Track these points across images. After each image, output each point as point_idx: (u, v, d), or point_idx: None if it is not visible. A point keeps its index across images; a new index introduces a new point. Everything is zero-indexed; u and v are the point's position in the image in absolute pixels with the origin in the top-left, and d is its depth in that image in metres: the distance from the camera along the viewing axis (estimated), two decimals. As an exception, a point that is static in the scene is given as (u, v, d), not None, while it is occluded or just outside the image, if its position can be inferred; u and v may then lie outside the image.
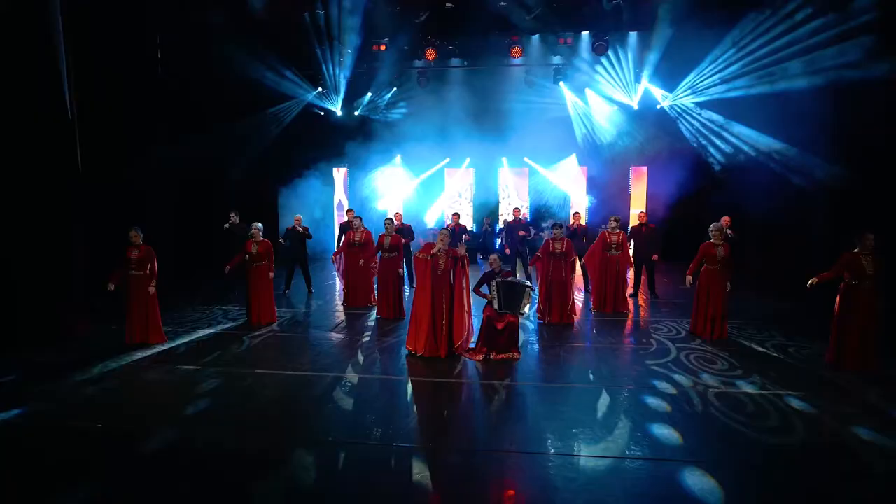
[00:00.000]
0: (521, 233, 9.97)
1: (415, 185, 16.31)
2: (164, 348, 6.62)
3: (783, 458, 4.03)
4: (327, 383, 5.47)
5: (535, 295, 7.84)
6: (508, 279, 6.37)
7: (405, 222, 11.19)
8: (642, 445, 4.18)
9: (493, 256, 6.54)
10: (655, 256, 9.53)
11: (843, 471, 3.88)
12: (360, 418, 4.67)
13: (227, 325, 7.79)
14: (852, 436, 4.35)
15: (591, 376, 5.69)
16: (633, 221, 14.70)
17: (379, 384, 5.47)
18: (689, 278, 7.25)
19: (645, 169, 15.08)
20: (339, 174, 16.34)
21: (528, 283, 6.45)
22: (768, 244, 9.57)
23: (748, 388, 5.30)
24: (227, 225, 9.64)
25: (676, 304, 9.31)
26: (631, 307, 8.74)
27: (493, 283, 6.32)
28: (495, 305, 6.33)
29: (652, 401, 4.96)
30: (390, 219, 8.46)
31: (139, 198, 9.44)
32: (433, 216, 16.35)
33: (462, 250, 6.31)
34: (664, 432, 4.34)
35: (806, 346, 6.71)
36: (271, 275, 7.91)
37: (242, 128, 11.76)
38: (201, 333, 7.31)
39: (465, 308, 6.36)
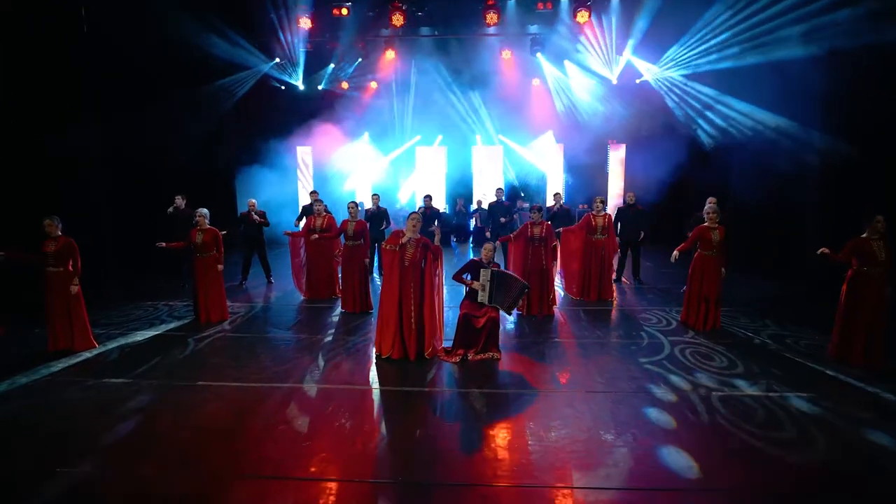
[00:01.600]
0: (503, 219, 9.24)
1: (385, 165, 15.39)
2: (91, 356, 5.73)
3: (809, 480, 3.50)
4: (280, 397, 4.72)
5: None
6: (506, 271, 5.70)
7: (381, 205, 10.35)
8: (654, 478, 3.58)
9: (489, 246, 5.80)
10: (642, 234, 9.02)
11: (876, 493, 3.38)
12: (317, 443, 3.95)
13: (172, 325, 6.90)
14: (875, 446, 3.86)
15: (581, 381, 5.08)
16: (611, 200, 14.31)
17: (340, 396, 4.74)
18: (676, 254, 6.70)
19: (623, 146, 14.54)
20: (303, 153, 15.26)
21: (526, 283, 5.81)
22: (756, 226, 9.11)
23: (753, 391, 4.78)
24: (170, 210, 8.63)
25: (661, 289, 8.84)
26: (615, 294, 8.18)
27: (488, 271, 5.61)
28: (481, 297, 5.64)
29: (654, 413, 4.38)
30: (354, 202, 7.62)
31: (67, 181, 8.31)
32: (405, 197, 15.49)
33: (436, 239, 5.57)
34: (676, 459, 3.75)
35: (803, 335, 6.28)
36: (220, 267, 7.03)
37: (189, 101, 10.58)
38: (140, 336, 6.42)
39: (437, 305, 5.67)
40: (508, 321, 7.05)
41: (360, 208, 12.47)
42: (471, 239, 14.46)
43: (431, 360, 5.56)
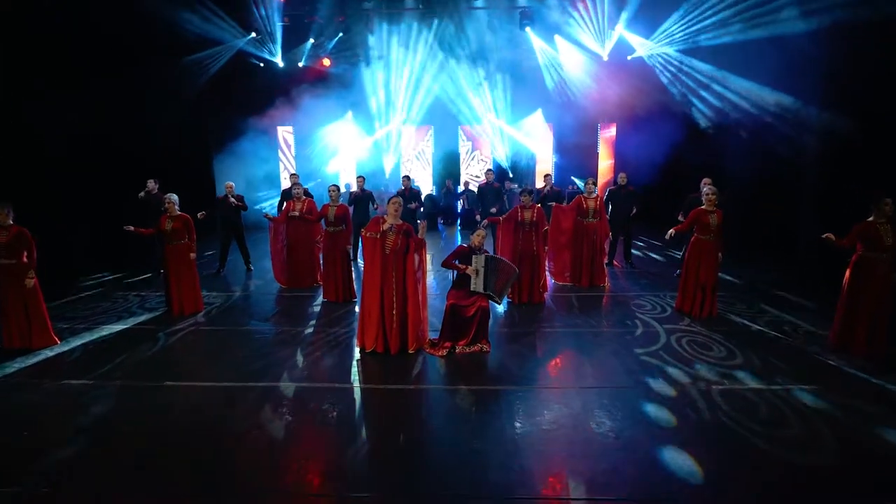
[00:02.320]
0: (493, 210, 8.87)
1: (368, 145, 14.89)
2: (52, 354, 5.33)
3: (819, 485, 3.27)
4: (254, 398, 4.39)
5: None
6: (500, 257, 5.38)
7: (366, 188, 9.93)
8: (656, 488, 3.33)
9: (480, 231, 5.46)
10: (634, 210, 8.75)
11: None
12: (291, 451, 3.64)
13: (142, 318, 6.51)
14: (889, 445, 3.65)
15: (576, 376, 4.81)
16: (601, 180, 14.00)
17: (319, 396, 4.42)
18: (672, 231, 6.44)
19: (614, 126, 14.19)
20: (284, 133, 14.69)
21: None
22: (751, 207, 8.85)
23: (755, 384, 4.55)
24: (141, 194, 8.13)
25: (653, 274, 8.61)
26: (608, 280, 7.92)
27: (481, 257, 5.29)
28: (474, 284, 5.32)
29: (653, 411, 4.12)
30: (335, 186, 7.21)
31: (27, 163, 7.76)
32: (391, 179, 15.02)
33: (421, 232, 5.22)
34: (679, 464, 3.49)
35: (801, 322, 6.08)
36: (193, 255, 6.62)
37: (161, 77, 9.97)
38: (106, 331, 6.03)
39: (421, 296, 5.35)
40: (498, 309, 6.77)
41: (346, 189, 12.09)
42: (458, 221, 14.11)
43: (416, 353, 5.25)
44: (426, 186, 14.97)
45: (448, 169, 14.91)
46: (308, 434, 3.86)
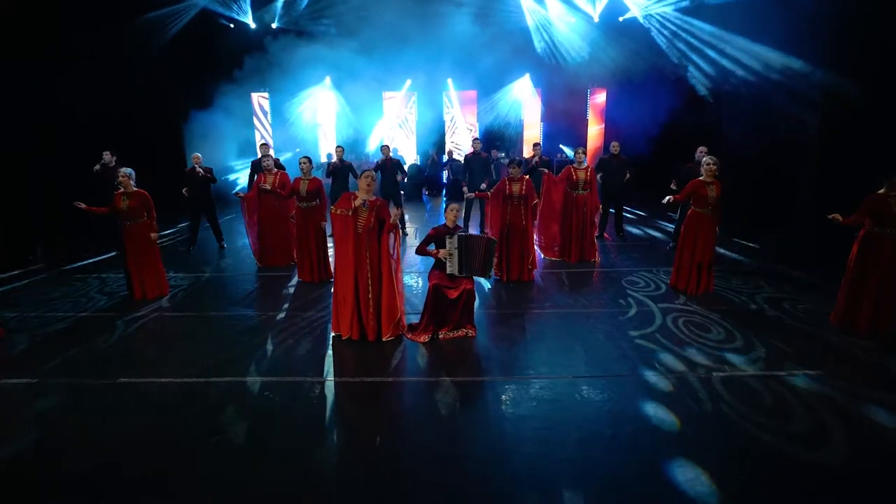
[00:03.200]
0: (483, 185, 8.40)
1: (348, 112, 14.18)
2: (-4, 347, 4.88)
3: (829, 487, 3.00)
4: (218, 396, 4.00)
5: None
6: (472, 234, 4.95)
7: (345, 159, 9.37)
8: (659, 497, 3.03)
9: (453, 207, 5.00)
10: (627, 175, 8.38)
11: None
12: (256, 459, 3.28)
13: (101, 304, 6.03)
14: (901, 439, 3.40)
15: (567, 364, 4.48)
16: (590, 147, 13.52)
17: (289, 392, 4.04)
18: (670, 198, 6.10)
19: (604, 92, 13.63)
20: (259, 99, 13.91)
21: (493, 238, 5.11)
22: (747, 177, 8.48)
23: (757, 369, 4.27)
24: (97, 167, 7.50)
25: (645, 247, 8.29)
26: (598, 255, 7.57)
27: (454, 238, 4.87)
28: (450, 268, 4.93)
29: (651, 403, 3.82)
30: (307, 157, 6.67)
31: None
32: (372, 147, 14.40)
33: (394, 216, 4.76)
34: (682, 463, 3.20)
35: (800, 299, 5.81)
36: (154, 235, 6.11)
37: (118, 36, 9.17)
38: (58, 319, 5.55)
39: (397, 279, 4.95)
40: (485, 286, 6.41)
41: (327, 160, 11.48)
42: (444, 192, 13.62)
43: (395, 341, 4.88)
44: (410, 156, 14.39)
45: (433, 137, 14.31)
46: (274, 438, 3.49)
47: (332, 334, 4.98)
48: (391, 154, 9.35)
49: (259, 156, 7.68)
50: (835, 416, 3.62)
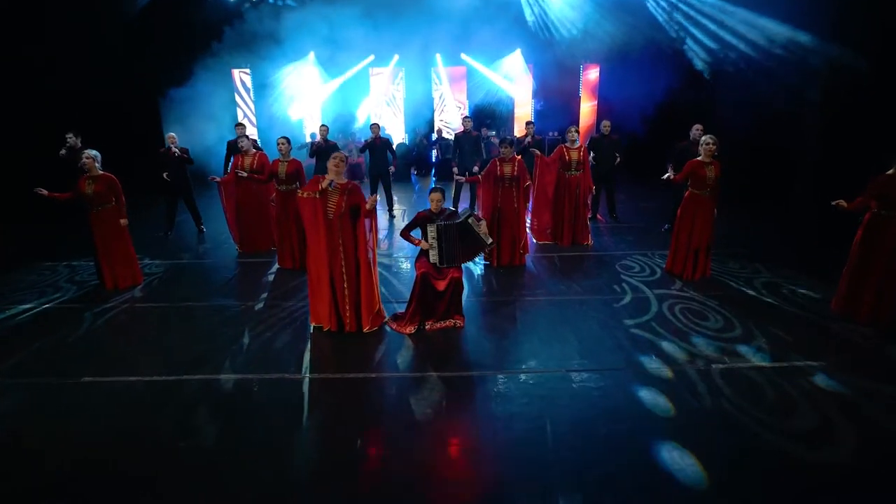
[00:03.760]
0: (476, 169, 8.09)
1: (333, 89, 13.68)
2: (-49, 344, 4.57)
3: (839, 488, 2.83)
4: (189, 396, 3.75)
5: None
6: (455, 221, 4.65)
7: (330, 138, 8.99)
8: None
9: (435, 196, 4.69)
10: (618, 158, 8.10)
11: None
12: (225, 470, 3.04)
13: (69, 294, 5.72)
14: (909, 435, 3.23)
15: (560, 356, 4.26)
16: (582, 124, 13.16)
17: (264, 391, 3.80)
18: (669, 175, 5.84)
19: (597, 68, 13.21)
20: (241, 76, 13.35)
21: (478, 217, 4.82)
22: (743, 156, 8.23)
23: (758, 361, 4.09)
24: (62, 151, 7.08)
25: (638, 228, 8.06)
26: (591, 238, 7.33)
27: (434, 227, 4.60)
28: (433, 257, 4.67)
29: (648, 399, 3.62)
30: (285, 138, 6.31)
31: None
32: (361, 128, 13.93)
33: (370, 203, 4.46)
34: (683, 465, 3.01)
35: (798, 283, 5.63)
36: (124, 221, 5.77)
37: (79, 8, 8.61)
38: (23, 311, 5.24)
39: (374, 268, 4.70)
40: (475, 272, 6.18)
41: (311, 139, 11.06)
42: (433, 172, 13.27)
43: (377, 333, 4.64)
44: (398, 135, 13.97)
45: (422, 114, 13.86)
46: (246, 444, 3.25)
47: (312, 326, 4.72)
48: (380, 133, 8.97)
49: (237, 135, 7.28)
50: (839, 411, 3.44)
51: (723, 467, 2.98)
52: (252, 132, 13.28)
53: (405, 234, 4.80)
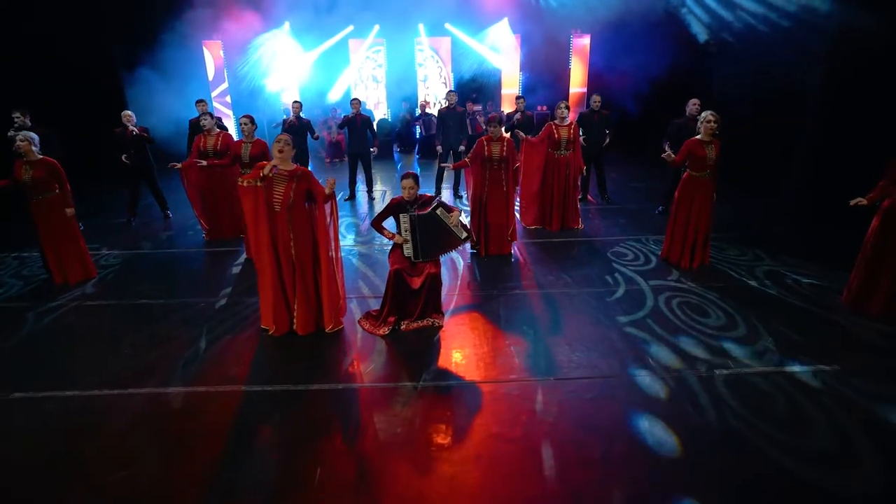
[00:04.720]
0: (462, 149, 7.56)
1: (311, 61, 12.94)
2: None
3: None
4: (130, 414, 3.31)
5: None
6: (429, 212, 4.19)
7: (303, 115, 8.40)
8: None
9: (407, 182, 4.21)
10: (608, 139, 7.64)
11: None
12: (165, 507, 2.63)
13: (13, 290, 5.21)
14: (936, 454, 2.89)
15: (548, 362, 3.87)
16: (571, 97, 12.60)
17: (213, 408, 3.36)
18: (669, 153, 5.41)
19: (588, 38, 12.58)
20: (213, 49, 12.54)
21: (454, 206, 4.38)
22: (742, 134, 7.79)
23: (765, 365, 3.73)
24: (10, 133, 6.44)
25: (630, 210, 7.64)
26: (581, 222, 6.90)
27: (407, 218, 4.15)
28: (407, 251, 4.24)
29: (645, 412, 3.24)
30: (248, 117, 5.74)
31: None
32: (339, 102, 13.23)
33: (329, 187, 3.94)
34: (685, 496, 2.65)
35: (803, 273, 5.27)
36: (70, 211, 5.23)
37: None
38: (-44, 312, 4.73)
39: (337, 262, 4.23)
40: (458, 263, 5.75)
41: (284, 116, 10.41)
42: (416, 149, 12.69)
43: (340, 334, 4.22)
44: (380, 110, 13.32)
45: (404, 89, 13.19)
46: (189, 472, 2.84)
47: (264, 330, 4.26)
48: (360, 109, 8.38)
49: (199, 113, 6.68)
50: (859, 425, 3.10)
51: (730, 497, 2.63)
52: (225, 110, 12.58)
53: (377, 224, 4.34)
